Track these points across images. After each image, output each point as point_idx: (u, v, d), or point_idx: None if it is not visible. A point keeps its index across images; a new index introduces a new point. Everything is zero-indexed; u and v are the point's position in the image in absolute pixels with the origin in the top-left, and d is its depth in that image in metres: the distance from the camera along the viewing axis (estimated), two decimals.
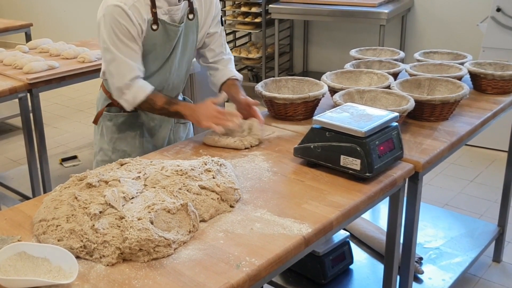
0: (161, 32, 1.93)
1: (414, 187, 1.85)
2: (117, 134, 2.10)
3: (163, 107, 1.94)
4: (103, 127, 2.12)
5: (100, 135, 2.13)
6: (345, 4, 4.58)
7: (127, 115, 2.08)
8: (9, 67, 3.13)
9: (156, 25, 1.91)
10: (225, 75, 2.15)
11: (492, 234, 2.75)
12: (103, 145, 2.13)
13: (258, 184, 1.64)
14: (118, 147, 2.10)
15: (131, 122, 2.09)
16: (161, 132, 2.15)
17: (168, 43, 1.97)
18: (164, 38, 1.95)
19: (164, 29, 1.94)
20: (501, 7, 3.88)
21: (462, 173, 3.86)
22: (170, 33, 1.96)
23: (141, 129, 2.11)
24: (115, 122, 2.09)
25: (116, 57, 1.89)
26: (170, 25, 1.94)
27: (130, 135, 2.10)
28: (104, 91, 2.11)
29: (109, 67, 1.93)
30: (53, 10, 7.10)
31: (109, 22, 1.85)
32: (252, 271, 1.24)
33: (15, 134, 4.78)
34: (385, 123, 1.70)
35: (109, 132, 2.10)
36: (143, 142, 2.11)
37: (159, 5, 1.91)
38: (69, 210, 1.36)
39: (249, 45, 5.53)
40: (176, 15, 1.97)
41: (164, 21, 1.93)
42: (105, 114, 2.10)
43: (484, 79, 2.36)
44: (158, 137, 2.15)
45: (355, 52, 2.70)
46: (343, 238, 2.32)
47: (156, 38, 1.94)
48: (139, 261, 1.28)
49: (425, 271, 2.39)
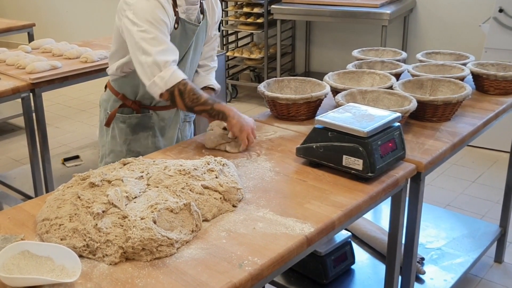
0: (180, 31, 1.94)
1: (416, 188, 1.85)
2: (131, 136, 2.09)
3: (207, 102, 1.83)
4: (115, 129, 2.09)
5: (111, 137, 2.11)
6: (347, 4, 4.59)
7: (140, 116, 2.07)
8: (12, 67, 3.14)
9: (177, 23, 1.92)
10: (204, 82, 2.16)
11: (494, 234, 2.75)
12: (115, 147, 2.11)
13: (260, 183, 1.64)
14: (132, 149, 2.09)
15: (144, 123, 2.09)
16: (170, 132, 2.16)
17: (185, 42, 1.98)
18: (182, 37, 1.96)
19: (183, 28, 1.94)
20: (503, 8, 3.88)
21: (464, 174, 3.86)
22: (188, 32, 1.96)
23: (153, 129, 2.11)
24: (128, 123, 2.07)
25: (156, 36, 1.80)
26: (189, 23, 1.95)
27: (143, 136, 2.10)
28: (113, 92, 2.09)
29: (143, 43, 1.80)
30: (56, 10, 7.11)
31: (145, 10, 1.80)
32: (254, 271, 1.25)
33: (17, 134, 4.79)
34: (387, 123, 1.71)
35: (122, 134, 2.09)
36: (155, 142, 2.11)
37: (179, 4, 1.92)
38: (72, 210, 1.37)
39: (251, 45, 5.53)
40: (193, 14, 1.98)
41: (184, 20, 1.94)
42: (117, 116, 2.07)
43: (486, 79, 2.36)
44: (168, 136, 2.16)
45: (357, 53, 2.71)
46: (345, 238, 2.32)
47: (176, 37, 1.93)
48: (142, 260, 1.28)
49: (426, 272, 2.39)
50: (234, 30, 5.43)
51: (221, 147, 1.88)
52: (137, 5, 1.82)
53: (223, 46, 5.40)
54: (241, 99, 5.57)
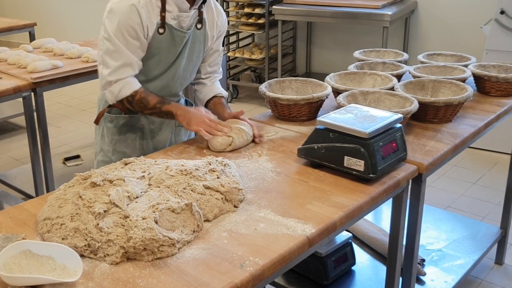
0: (167, 37, 1.93)
1: (417, 189, 1.85)
2: (117, 136, 2.09)
3: (155, 106, 1.94)
4: (104, 128, 2.11)
5: (100, 136, 2.13)
6: (349, 6, 4.59)
7: (128, 117, 2.07)
8: (13, 66, 3.14)
9: (163, 28, 1.91)
10: (212, 92, 2.17)
11: (495, 236, 2.75)
12: (103, 146, 2.13)
13: (262, 184, 1.64)
14: (118, 149, 2.09)
15: (132, 124, 2.09)
16: (161, 135, 2.14)
17: (173, 48, 1.97)
18: (169, 43, 1.95)
19: (171, 34, 1.94)
20: (504, 10, 3.89)
21: (465, 175, 3.86)
22: (176, 39, 1.95)
23: (142, 131, 2.10)
24: (116, 123, 2.08)
25: (119, 49, 1.88)
26: (176, 30, 1.94)
27: (131, 137, 2.10)
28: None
29: (106, 57, 1.92)
30: (57, 10, 7.12)
31: (118, 16, 1.85)
32: (256, 271, 1.25)
33: (18, 133, 4.79)
34: (389, 125, 1.71)
35: (109, 133, 2.10)
36: (143, 144, 2.10)
37: (169, 9, 1.91)
38: (73, 209, 1.37)
39: (252, 46, 5.54)
40: (185, 22, 1.97)
41: (171, 25, 1.93)
42: (106, 115, 2.09)
43: (488, 81, 2.36)
44: (159, 140, 2.14)
45: (359, 54, 2.71)
46: (345, 239, 2.32)
47: (162, 42, 1.93)
48: (143, 260, 1.28)
49: (427, 273, 2.39)
50: (235, 31, 5.43)
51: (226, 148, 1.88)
52: (112, 11, 1.87)
53: (224, 46, 5.40)
54: (242, 99, 5.57)
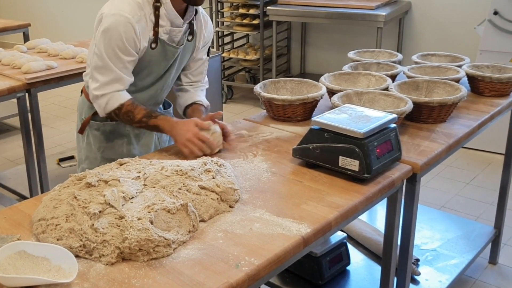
0: (159, 51, 1.93)
1: (412, 189, 1.86)
2: (105, 143, 2.07)
3: (141, 120, 1.90)
4: (89, 135, 2.08)
5: (87, 143, 2.09)
6: (343, 6, 4.60)
7: (115, 123, 2.04)
8: (7, 67, 3.13)
9: (155, 43, 1.90)
10: (192, 99, 2.13)
11: (489, 236, 2.76)
12: (89, 153, 2.10)
13: (257, 184, 1.65)
14: (106, 156, 2.07)
15: (119, 130, 2.07)
16: (146, 139, 2.13)
17: (164, 62, 1.97)
18: (160, 57, 1.95)
19: (163, 48, 1.93)
20: (498, 10, 3.90)
21: (459, 176, 3.88)
22: (168, 53, 1.95)
23: (128, 136, 2.08)
24: (103, 131, 2.06)
25: (107, 65, 1.86)
26: (169, 45, 1.94)
27: (118, 144, 2.08)
28: (87, 98, 2.05)
29: (94, 71, 1.90)
30: (51, 10, 7.10)
31: (111, 32, 1.82)
32: (251, 271, 1.25)
33: (12, 134, 4.78)
34: (383, 125, 1.71)
35: (96, 141, 2.07)
36: (130, 150, 2.09)
37: (162, 24, 1.90)
38: (68, 210, 1.36)
39: (247, 46, 5.54)
40: (177, 36, 1.96)
41: (163, 41, 1.92)
42: (92, 123, 2.06)
43: (481, 81, 2.37)
44: (144, 143, 2.13)
45: (353, 54, 2.71)
46: (340, 239, 2.33)
47: (153, 56, 1.93)
48: (139, 260, 1.28)
49: (421, 273, 2.40)
50: (229, 31, 5.43)
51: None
52: (105, 25, 1.83)
53: (219, 47, 5.41)
54: (236, 100, 5.57)
